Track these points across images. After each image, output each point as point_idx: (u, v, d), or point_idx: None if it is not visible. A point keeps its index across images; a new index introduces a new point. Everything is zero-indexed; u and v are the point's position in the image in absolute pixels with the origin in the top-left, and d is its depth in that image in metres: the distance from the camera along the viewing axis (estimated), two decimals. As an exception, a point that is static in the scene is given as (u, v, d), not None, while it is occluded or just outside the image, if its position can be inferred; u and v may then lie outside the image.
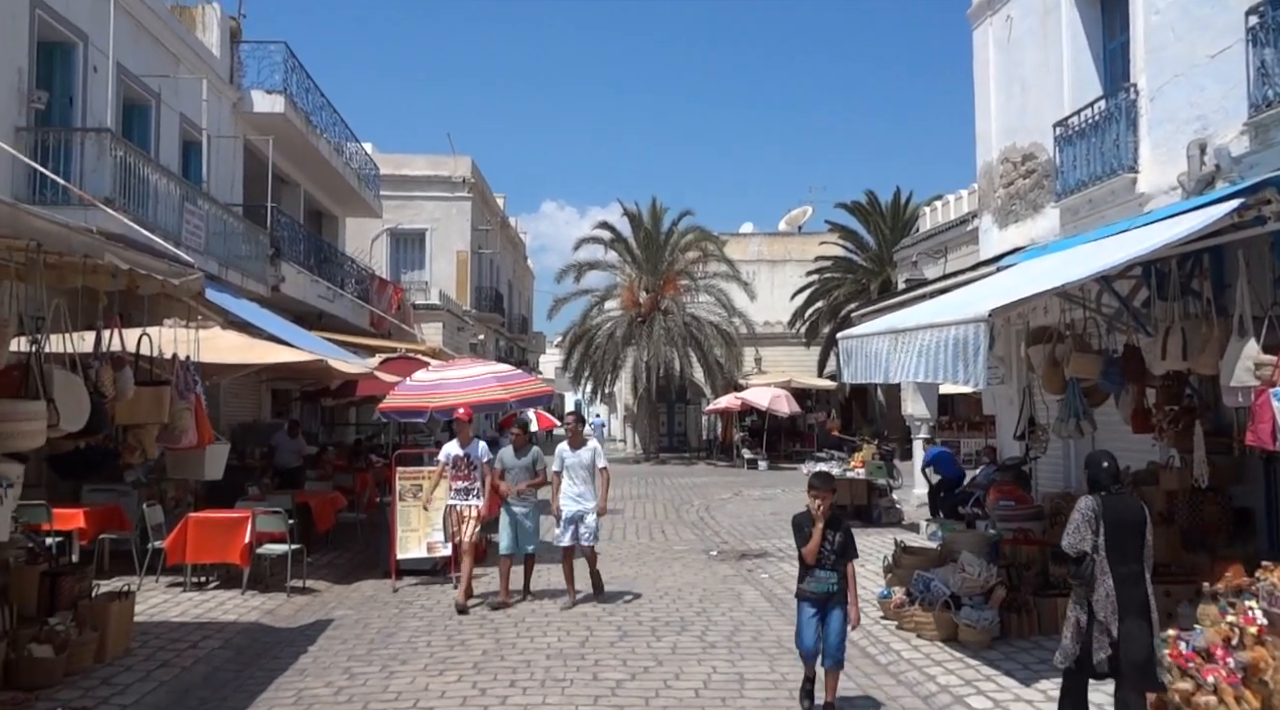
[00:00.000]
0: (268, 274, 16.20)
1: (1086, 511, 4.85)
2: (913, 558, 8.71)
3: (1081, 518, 4.84)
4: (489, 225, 34.64)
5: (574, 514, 8.87)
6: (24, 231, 4.61)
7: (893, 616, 8.04)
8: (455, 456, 9.20)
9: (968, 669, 6.65)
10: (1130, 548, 4.78)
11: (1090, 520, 4.82)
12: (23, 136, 11.06)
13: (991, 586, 7.58)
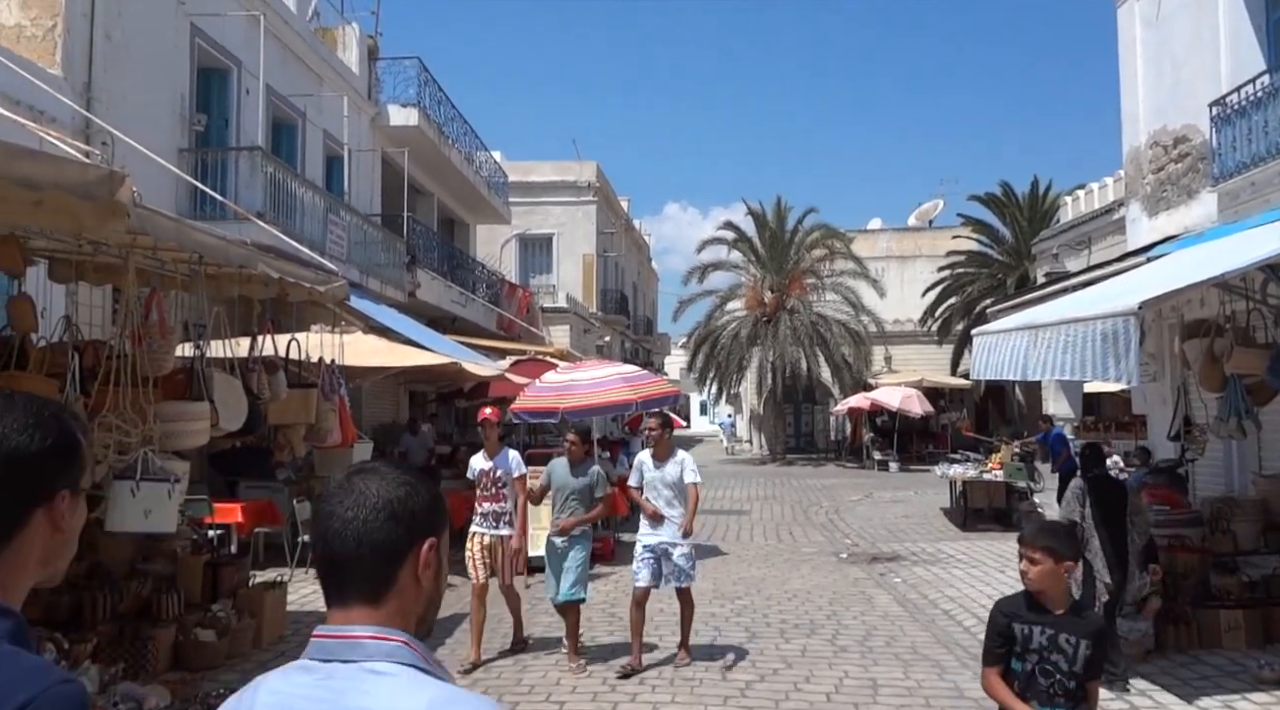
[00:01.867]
0: (405, 280, 16.89)
1: (1076, 490, 6.52)
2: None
3: (1072, 495, 6.54)
4: (614, 228, 35.07)
5: (656, 546, 6.70)
6: (188, 245, 4.96)
7: (1035, 625, 7.69)
8: (480, 470, 7.12)
9: (1119, 683, 6.28)
10: (1111, 517, 6.27)
11: (1079, 497, 6.42)
12: (185, 157, 11.90)
13: (1145, 596, 7.15)
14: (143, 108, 10.99)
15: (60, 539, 1.30)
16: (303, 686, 1.23)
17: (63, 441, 1.29)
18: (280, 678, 1.28)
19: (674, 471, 6.82)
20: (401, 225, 17.65)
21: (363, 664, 1.22)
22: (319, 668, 1.25)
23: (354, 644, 1.24)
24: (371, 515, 1.29)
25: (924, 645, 7.46)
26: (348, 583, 1.29)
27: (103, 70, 10.37)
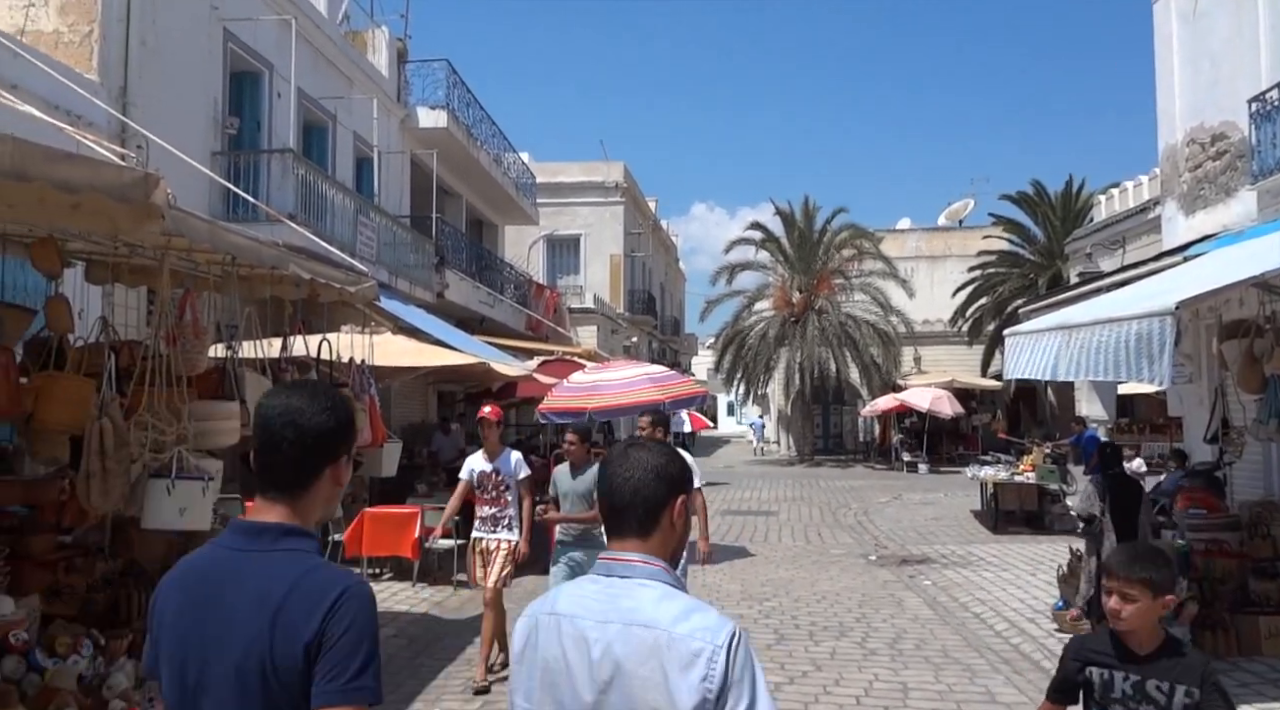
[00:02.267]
0: (433, 281, 17.00)
1: (1095, 485, 6.93)
2: (1091, 568, 8.18)
3: (1092, 489, 6.91)
4: (641, 229, 35.09)
5: None
6: (221, 246, 5.01)
7: (1069, 629, 7.58)
8: (480, 472, 6.72)
9: (1155, 689, 6.18)
10: (1125, 513, 6.64)
11: (1099, 491, 6.80)
12: (218, 160, 12.04)
13: (1182, 601, 7.02)
14: (177, 111, 11.14)
15: (338, 489, 1.84)
16: (590, 590, 1.77)
17: (346, 420, 1.83)
18: (574, 585, 1.82)
19: None
20: (430, 226, 17.76)
21: (633, 579, 1.74)
22: (601, 580, 1.78)
23: (628, 565, 1.76)
24: (644, 475, 1.80)
25: (955, 649, 7.38)
26: (625, 523, 1.80)
27: (138, 75, 10.53)
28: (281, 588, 1.64)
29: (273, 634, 1.61)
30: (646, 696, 1.63)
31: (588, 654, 1.70)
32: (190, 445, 4.85)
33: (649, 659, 1.65)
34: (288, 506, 1.76)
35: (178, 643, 1.71)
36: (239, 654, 1.62)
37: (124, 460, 4.62)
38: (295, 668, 1.60)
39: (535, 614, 1.82)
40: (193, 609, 1.70)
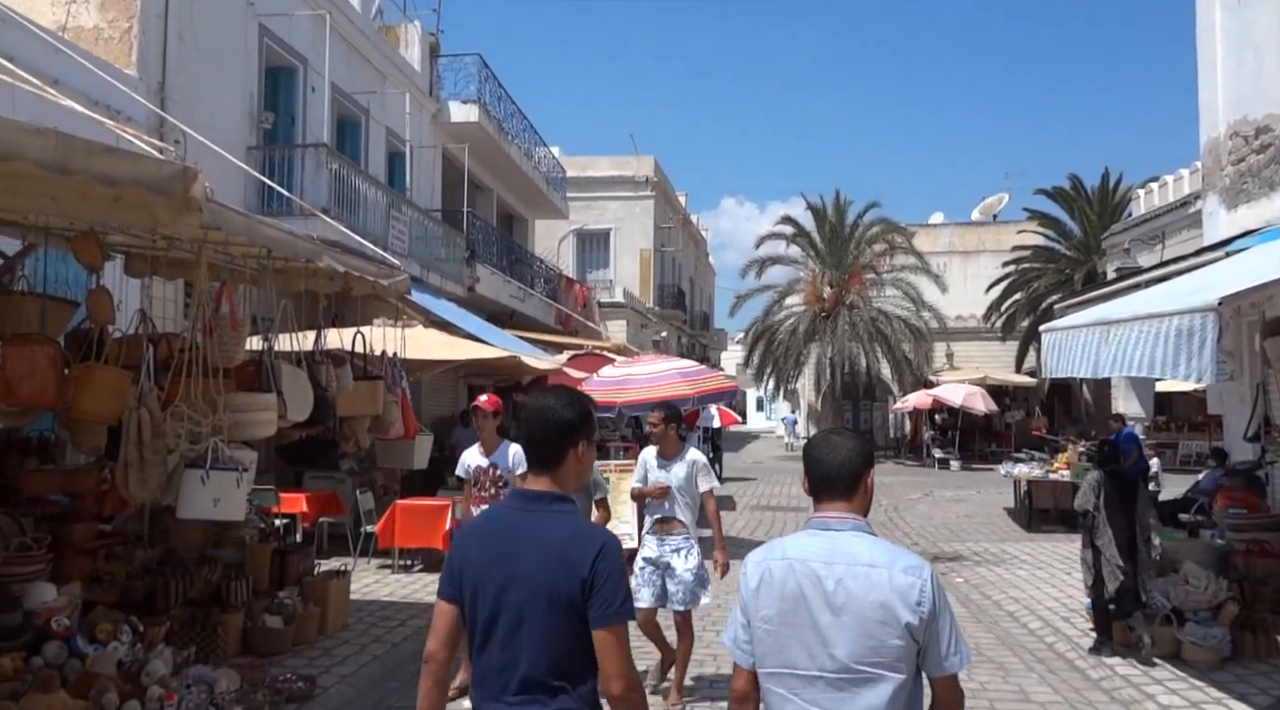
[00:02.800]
0: (464, 275, 17.08)
1: (1093, 482, 7.16)
2: (1127, 567, 8.06)
3: (1088, 486, 7.17)
4: (671, 223, 35.02)
5: (658, 559, 5.86)
6: (258, 239, 5.06)
7: (1104, 630, 7.46)
8: (476, 468, 6.11)
9: (1194, 690, 6.08)
10: (1123, 508, 6.92)
11: (1095, 488, 7.04)
12: (253, 154, 12.17)
13: (1221, 602, 6.91)
14: (213, 106, 11.27)
15: (581, 468, 2.49)
16: (812, 541, 2.35)
17: (584, 412, 2.50)
18: (795, 538, 2.41)
19: (682, 472, 5.89)
20: (461, 221, 17.84)
21: (845, 532, 2.33)
22: (820, 533, 2.36)
23: (840, 521, 2.35)
24: (847, 453, 2.40)
25: (988, 647, 7.31)
26: (835, 490, 2.38)
27: (175, 70, 10.66)
28: (560, 537, 2.32)
29: (555, 571, 2.27)
30: (875, 616, 2.22)
31: (821, 587, 2.28)
32: (226, 436, 4.90)
33: (874, 590, 2.24)
34: (550, 478, 2.44)
35: (480, 577, 2.35)
36: (530, 585, 2.29)
37: (161, 450, 4.69)
38: (573, 596, 2.26)
39: (766, 560, 2.40)
40: (491, 552, 2.36)
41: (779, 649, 2.33)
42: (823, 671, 2.26)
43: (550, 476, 2.43)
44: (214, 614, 6.22)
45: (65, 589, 5.35)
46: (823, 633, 2.26)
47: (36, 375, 4.71)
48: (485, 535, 2.44)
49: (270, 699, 5.25)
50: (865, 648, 2.23)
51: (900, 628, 2.21)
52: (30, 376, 4.71)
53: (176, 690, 4.78)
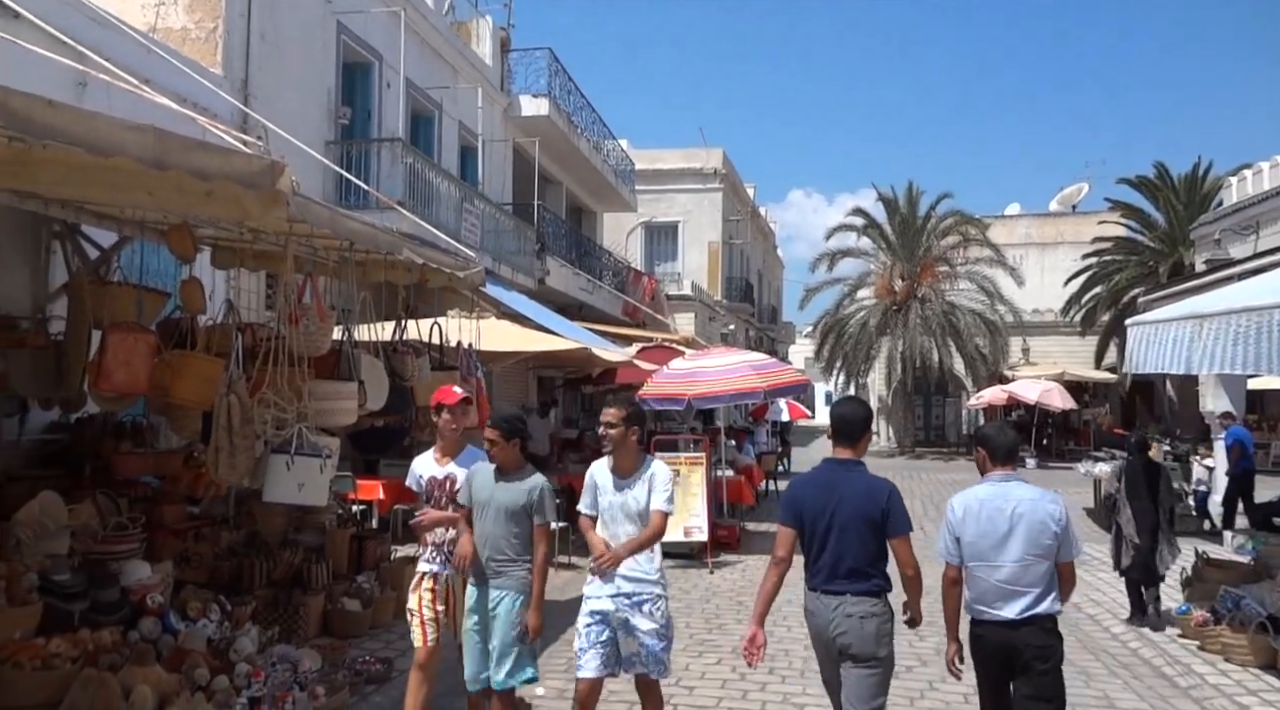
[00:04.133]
0: (534, 268, 17.24)
1: (1116, 469, 8.38)
2: (1219, 572, 7.80)
3: (1112, 472, 8.35)
4: (739, 216, 34.81)
5: (607, 613, 4.41)
6: (341, 232, 5.18)
7: (1193, 636, 7.22)
8: (428, 479, 4.98)
9: (1290, 701, 5.83)
10: (1141, 492, 7.79)
11: (1117, 474, 8.12)
12: (331, 149, 12.45)
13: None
14: (293, 102, 11.55)
15: (867, 445, 4.14)
16: (990, 488, 4.10)
17: (868, 414, 4.20)
18: (979, 487, 4.14)
19: (643, 495, 4.42)
20: (532, 214, 17.99)
21: (1011, 483, 4.12)
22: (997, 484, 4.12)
23: (1006, 476, 4.14)
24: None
25: (1069, 650, 7.07)
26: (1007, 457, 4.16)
27: (258, 68, 10.96)
28: (864, 484, 3.92)
29: (865, 504, 3.85)
30: (1036, 527, 3.93)
31: (1004, 511, 3.97)
32: (310, 423, 5.03)
33: (1035, 512, 3.94)
34: (851, 449, 4.03)
35: (815, 510, 3.91)
36: (849, 511, 3.84)
37: (249, 436, 4.83)
38: (875, 518, 3.84)
39: (965, 501, 4.09)
40: (821, 495, 3.93)
41: (980, 551, 3.99)
42: (1006, 561, 3.94)
43: (850, 448, 4.04)
44: (295, 596, 6.40)
45: (158, 568, 5.56)
46: (1007, 538, 3.95)
47: (133, 362, 4.90)
48: (815, 486, 4.00)
49: (350, 679, 5.39)
50: (1031, 545, 3.93)
51: (1049, 534, 3.93)
52: (127, 364, 4.90)
53: (263, 667, 4.93)
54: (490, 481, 4.50)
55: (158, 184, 4.39)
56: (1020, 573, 3.90)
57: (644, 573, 4.44)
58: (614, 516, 4.47)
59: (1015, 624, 3.89)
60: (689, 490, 10.15)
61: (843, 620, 3.81)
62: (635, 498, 4.43)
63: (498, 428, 4.46)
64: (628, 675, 4.52)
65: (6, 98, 3.19)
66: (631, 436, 4.51)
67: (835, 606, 3.84)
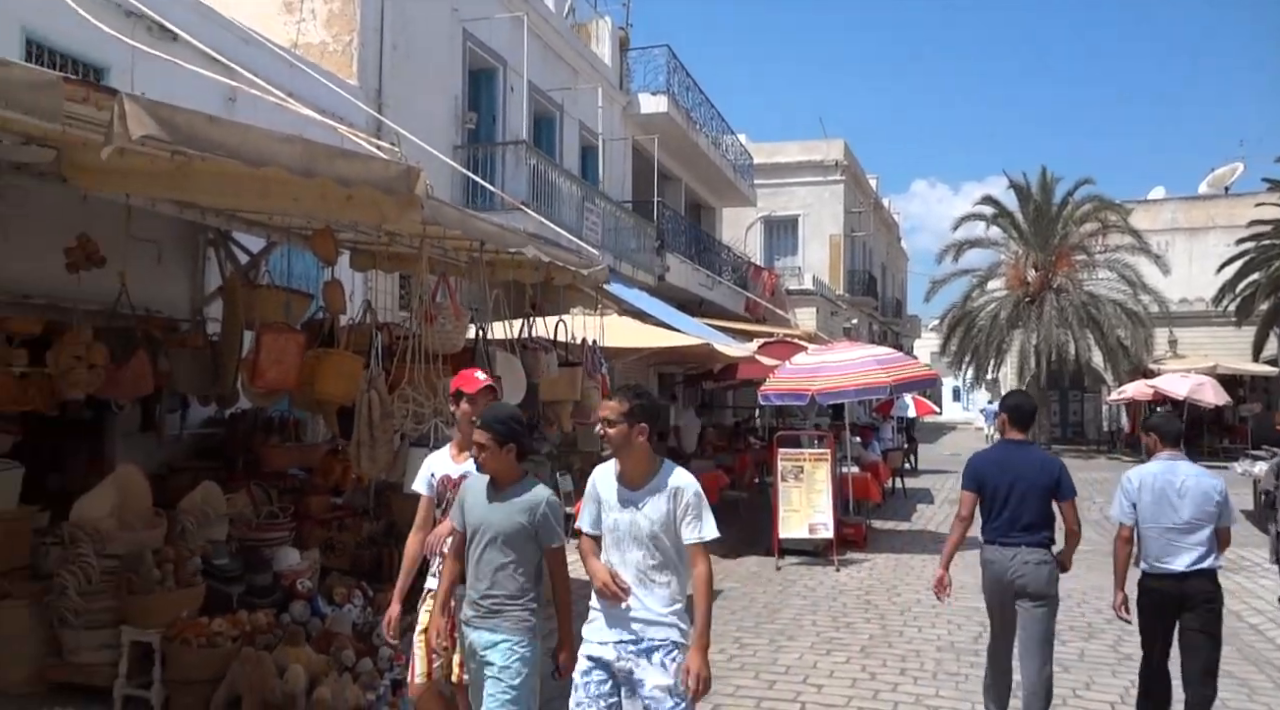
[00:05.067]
0: (654, 265, 17.34)
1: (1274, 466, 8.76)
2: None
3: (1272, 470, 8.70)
4: (861, 208, 34.09)
5: (614, 661, 3.53)
6: (472, 232, 5.35)
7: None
8: (443, 478, 4.27)
9: None
10: None
11: (1275, 471, 8.50)
12: (458, 153, 12.86)
13: None
14: (423, 109, 11.98)
15: None
16: (1159, 465, 4.90)
17: (1034, 405, 5.41)
18: (1150, 464, 4.97)
19: (657, 512, 3.45)
20: (651, 211, 18.11)
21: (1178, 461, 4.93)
22: (1164, 463, 4.92)
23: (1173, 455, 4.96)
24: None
25: (1228, 660, 6.62)
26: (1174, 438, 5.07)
27: (390, 77, 11.42)
28: (1038, 459, 4.94)
29: (1039, 475, 4.79)
30: (1201, 497, 4.69)
31: (1173, 483, 4.75)
32: (446, 418, 5.20)
33: (1200, 484, 4.73)
34: (1023, 432, 4.99)
35: (995, 479, 4.82)
36: (1026, 480, 4.77)
37: (389, 430, 5.05)
38: (1049, 486, 4.77)
39: (1140, 475, 4.87)
40: (1000, 468, 4.85)
41: (1154, 515, 4.77)
42: (1175, 523, 4.71)
43: (1024, 432, 5.01)
44: (432, 584, 6.64)
45: (306, 554, 5.87)
46: (1176, 506, 4.72)
47: (284, 361, 5.20)
48: (994, 461, 4.96)
49: (484, 667, 5.55)
50: (1197, 511, 4.69)
51: (1212, 503, 4.69)
52: (278, 362, 5.20)
53: (403, 652, 5.13)
54: (483, 499, 3.65)
55: (303, 191, 4.64)
56: (1187, 534, 4.68)
57: (654, 613, 3.41)
58: (620, 539, 3.49)
59: (1184, 576, 4.67)
60: (813, 487, 10.03)
61: (1020, 566, 4.70)
62: (648, 516, 3.43)
63: (489, 429, 3.57)
64: None
65: (172, 114, 3.42)
66: (639, 436, 3.47)
67: (1013, 556, 4.73)
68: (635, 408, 3.49)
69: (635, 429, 3.47)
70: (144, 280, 6.75)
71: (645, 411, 3.52)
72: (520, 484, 3.67)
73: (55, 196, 5.73)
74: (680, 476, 3.53)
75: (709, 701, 5.50)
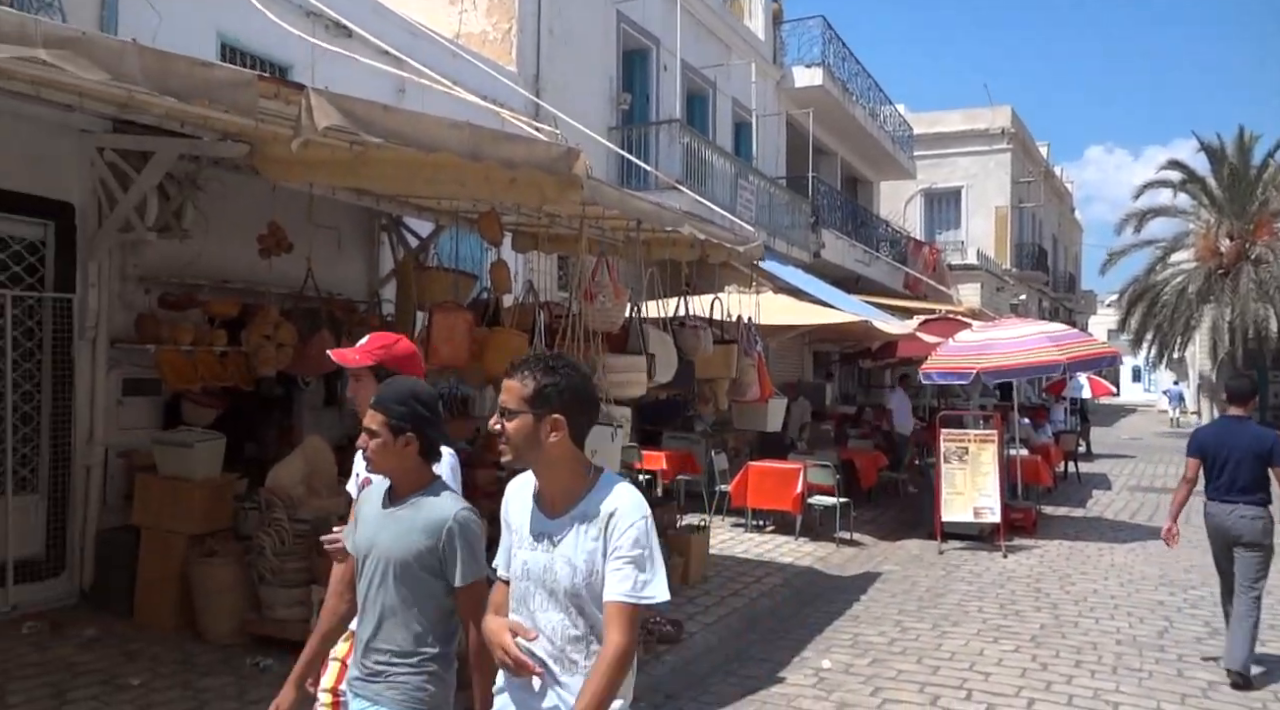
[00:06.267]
0: (809, 241, 17.03)
1: None
2: None
3: None
4: (1031, 177, 32.26)
5: None
6: (630, 211, 5.42)
7: None
8: (364, 482, 2.91)
9: None
10: None
11: None
12: (613, 134, 13.01)
13: None
14: (579, 92, 12.18)
15: None
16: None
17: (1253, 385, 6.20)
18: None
19: (581, 553, 2.25)
20: (806, 186, 17.77)
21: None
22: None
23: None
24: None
25: None
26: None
27: (547, 62, 11.67)
28: (1254, 431, 5.67)
29: (1256, 443, 5.54)
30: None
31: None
32: (604, 394, 5.31)
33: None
34: (1242, 408, 5.78)
35: (1217, 445, 5.66)
36: (1243, 448, 5.54)
37: (552, 406, 5.19)
38: (1263, 454, 5.48)
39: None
40: (1221, 436, 5.74)
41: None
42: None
43: (1242, 408, 5.74)
44: (591, 557, 6.81)
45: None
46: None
47: (454, 339, 5.43)
48: (1215, 434, 5.80)
49: (644, 638, 5.66)
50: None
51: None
52: (449, 340, 5.44)
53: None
54: (377, 510, 2.55)
55: (469, 175, 4.83)
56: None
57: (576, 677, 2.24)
58: (528, 594, 2.30)
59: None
60: (978, 469, 9.63)
61: (1237, 521, 5.54)
62: (567, 559, 2.24)
63: (383, 409, 2.50)
64: None
65: (352, 105, 3.62)
66: (550, 434, 2.25)
67: (1230, 512, 5.56)
68: (544, 391, 2.24)
69: (544, 423, 2.23)
70: (325, 264, 7.22)
71: (562, 396, 2.24)
72: (427, 491, 2.51)
73: (248, 188, 6.20)
74: (621, 496, 2.24)
75: (870, 685, 5.42)
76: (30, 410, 5.96)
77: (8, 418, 5.76)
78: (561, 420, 2.24)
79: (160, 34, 6.22)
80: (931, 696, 5.29)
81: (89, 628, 5.54)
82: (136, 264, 6.32)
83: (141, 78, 3.07)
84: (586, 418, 2.33)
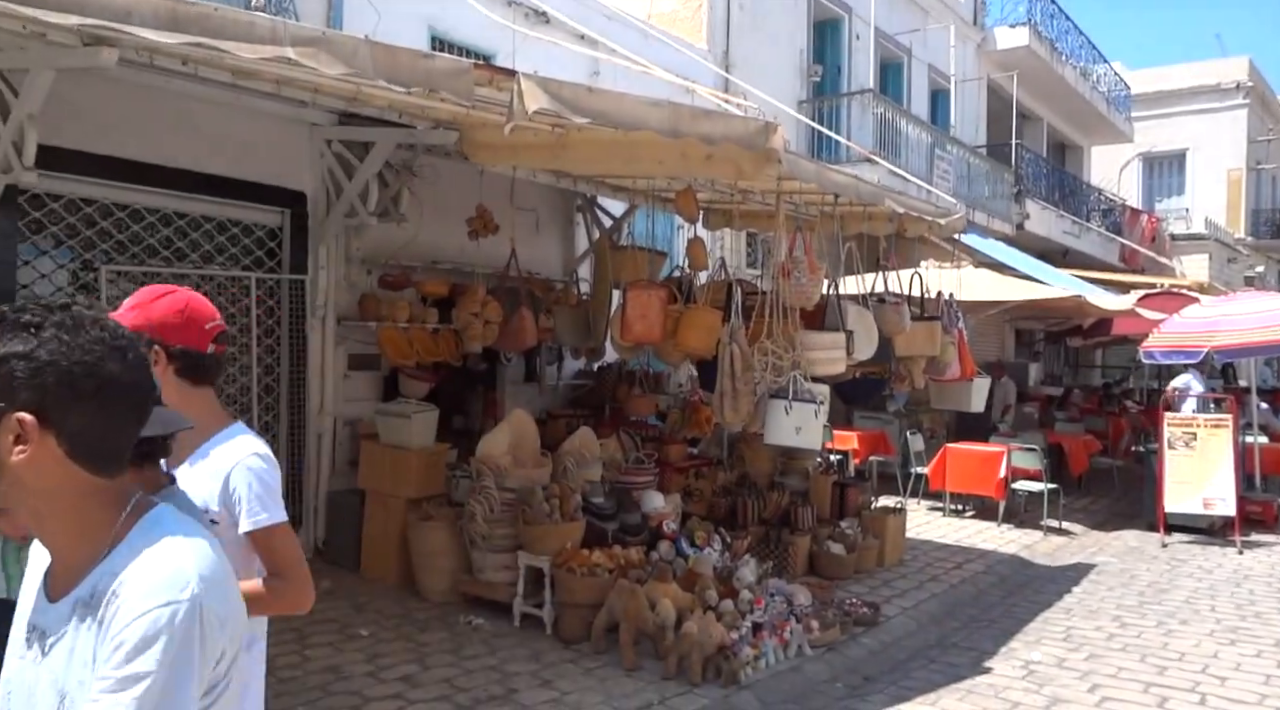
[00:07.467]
0: (1012, 212, 16.08)
1: None
2: None
3: None
4: (1271, 135, 28.98)
5: None
6: (826, 185, 5.30)
7: None
8: None
9: None
10: None
11: None
12: (804, 107, 12.75)
13: None
14: (768, 66, 12.02)
15: None
16: None
17: None
18: None
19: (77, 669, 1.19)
20: (1008, 154, 16.76)
21: None
22: None
23: None
24: None
25: None
26: None
27: (737, 38, 11.58)
28: None
29: None
30: None
31: None
32: (804, 371, 5.25)
33: None
34: None
35: None
36: None
37: (749, 382, 5.19)
38: None
39: None
40: None
41: None
42: None
43: None
44: (784, 535, 6.77)
45: (669, 499, 6.24)
46: None
47: (649, 316, 5.52)
48: None
49: (840, 618, 5.58)
50: None
51: None
52: (643, 317, 5.54)
53: (762, 596, 5.30)
54: None
55: (666, 153, 4.87)
56: None
57: None
58: None
59: None
60: (1208, 457, 8.80)
61: None
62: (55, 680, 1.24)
63: None
64: None
65: (559, 88, 3.73)
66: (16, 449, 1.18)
67: None
68: None
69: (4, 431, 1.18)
70: (526, 245, 7.50)
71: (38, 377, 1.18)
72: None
73: (457, 173, 6.53)
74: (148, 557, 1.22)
75: (1086, 681, 5.11)
76: (271, 382, 6.57)
77: (253, 389, 6.37)
78: (33, 422, 1.17)
79: (380, 29, 6.65)
80: (1159, 698, 4.92)
81: (324, 580, 6.06)
82: (359, 247, 6.80)
83: (373, 71, 3.28)
84: (110, 413, 1.22)
